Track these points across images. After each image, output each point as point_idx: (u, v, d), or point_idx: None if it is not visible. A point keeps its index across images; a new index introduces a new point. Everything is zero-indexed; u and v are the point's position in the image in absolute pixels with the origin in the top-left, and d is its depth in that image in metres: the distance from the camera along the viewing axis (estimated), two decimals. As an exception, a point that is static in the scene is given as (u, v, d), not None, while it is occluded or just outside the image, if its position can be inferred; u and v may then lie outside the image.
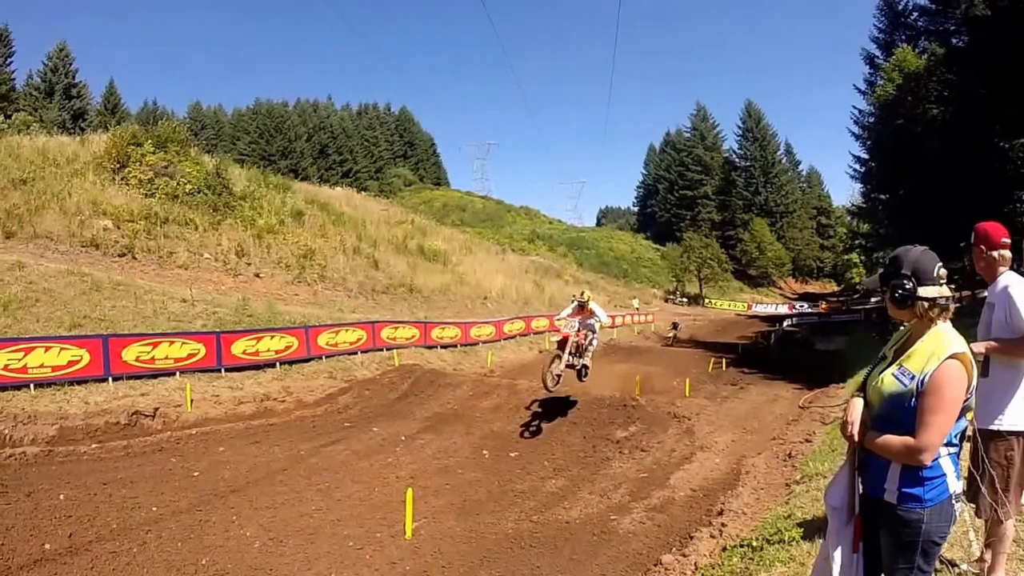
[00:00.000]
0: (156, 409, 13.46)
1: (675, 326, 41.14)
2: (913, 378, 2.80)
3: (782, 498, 8.16)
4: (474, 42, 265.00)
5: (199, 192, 27.10)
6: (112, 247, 21.60)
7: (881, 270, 3.02)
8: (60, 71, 78.43)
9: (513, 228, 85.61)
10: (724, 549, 6.68)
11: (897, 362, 2.95)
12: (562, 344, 12.89)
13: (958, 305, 3.10)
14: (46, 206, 21.60)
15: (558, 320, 13.83)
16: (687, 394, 17.80)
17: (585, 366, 13.66)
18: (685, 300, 71.54)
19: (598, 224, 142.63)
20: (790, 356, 29.61)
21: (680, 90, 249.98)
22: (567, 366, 12.93)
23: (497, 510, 9.03)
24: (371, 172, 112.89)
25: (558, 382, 12.74)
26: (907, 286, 2.86)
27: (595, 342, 13.87)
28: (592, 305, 13.36)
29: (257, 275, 25.03)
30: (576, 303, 13.43)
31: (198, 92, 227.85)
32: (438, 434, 13.11)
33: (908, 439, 2.75)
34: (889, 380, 2.91)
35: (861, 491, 3.00)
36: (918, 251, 2.94)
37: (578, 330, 12.90)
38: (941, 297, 2.88)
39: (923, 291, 2.86)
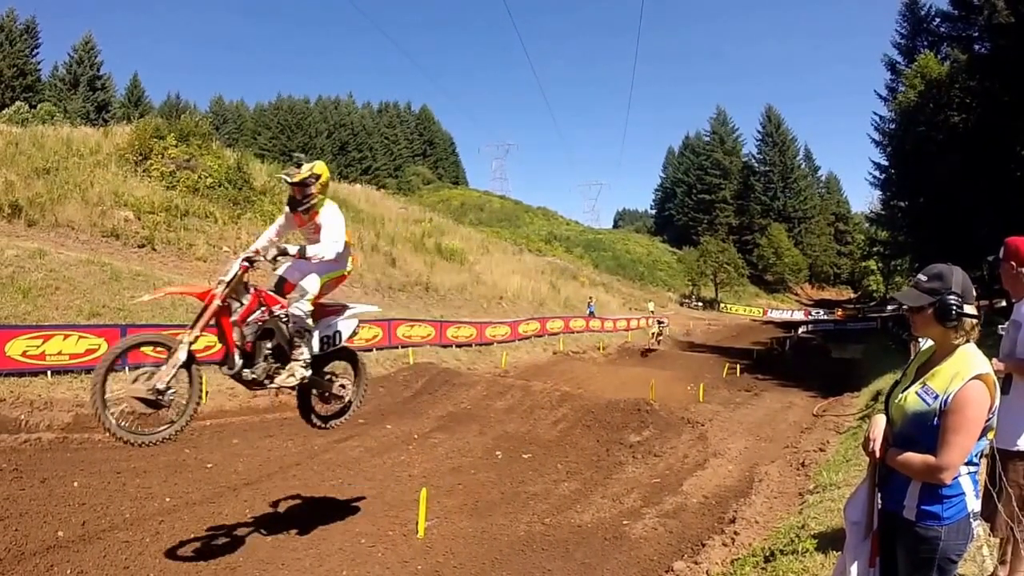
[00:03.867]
0: (171, 400, 13.48)
1: (660, 323, 37.67)
2: (936, 397, 2.80)
3: (795, 508, 8.13)
4: (496, 44, 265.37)
5: (220, 186, 27.28)
6: (132, 238, 21.79)
7: (919, 285, 2.96)
8: (85, 63, 79.28)
9: (530, 228, 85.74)
10: (735, 560, 6.65)
11: (920, 381, 2.95)
12: (204, 316, 5.92)
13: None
14: (68, 196, 21.81)
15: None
16: (701, 399, 17.76)
17: (308, 387, 6.90)
18: (700, 304, 71.44)
19: (615, 226, 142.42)
20: (805, 363, 29.40)
21: (699, 94, 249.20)
22: (243, 379, 6.40)
23: (510, 512, 9.01)
24: (390, 170, 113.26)
25: (161, 432, 6.07)
26: (958, 303, 2.84)
27: (342, 327, 7.05)
28: (327, 210, 6.76)
29: (275, 270, 25.08)
30: (290, 195, 6.77)
31: (221, 87, 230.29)
32: (451, 434, 13.12)
33: (929, 458, 2.75)
34: (912, 399, 2.90)
35: (880, 507, 2.99)
36: (960, 271, 2.91)
37: (271, 286, 6.79)
38: (979, 316, 2.88)
39: (969, 309, 2.85)
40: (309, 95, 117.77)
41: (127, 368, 12.92)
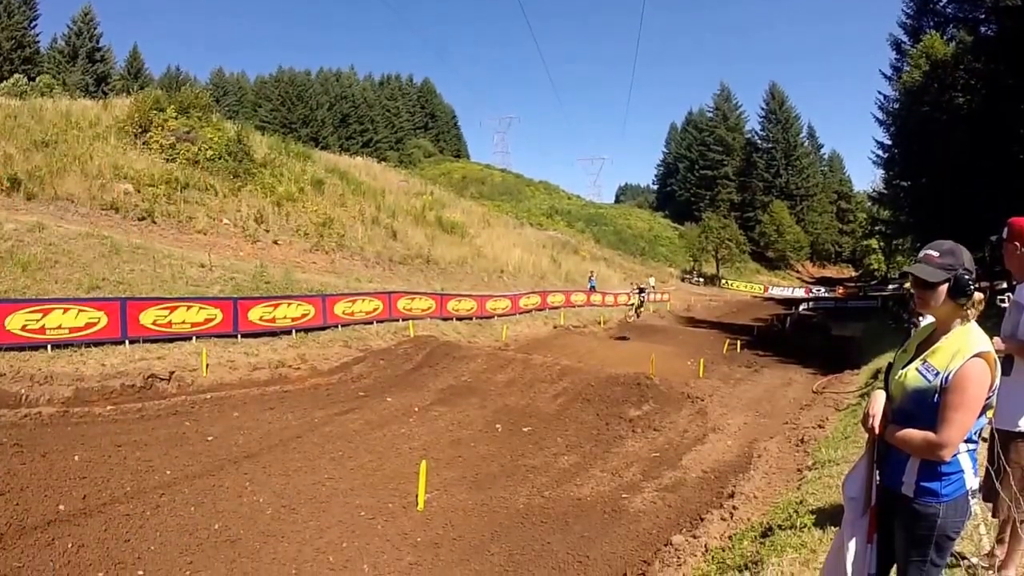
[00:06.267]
0: (172, 373, 13.56)
1: (641, 292, 33.53)
2: (937, 374, 2.79)
3: (794, 484, 8.15)
4: (500, 17, 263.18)
5: (220, 158, 27.17)
6: (132, 211, 21.74)
7: (933, 260, 2.90)
8: (84, 35, 78.93)
9: (532, 202, 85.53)
10: (732, 536, 6.67)
11: (921, 357, 2.94)
12: None
13: None
14: (68, 169, 21.75)
15: None
16: (700, 375, 17.77)
17: None
18: (701, 280, 71.27)
19: (617, 201, 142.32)
20: (805, 340, 29.41)
21: (703, 71, 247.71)
22: None
23: (509, 485, 9.05)
24: (391, 143, 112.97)
25: None
26: (972, 279, 2.82)
27: None
28: None
29: (275, 242, 25.10)
30: None
31: (221, 59, 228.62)
32: (452, 407, 13.14)
33: (929, 434, 2.74)
34: (913, 375, 2.90)
35: (878, 483, 2.98)
36: (965, 249, 2.89)
37: None
38: (986, 294, 2.86)
39: (976, 285, 2.84)
40: (310, 67, 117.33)
41: (127, 341, 13.06)
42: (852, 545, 2.96)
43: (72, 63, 76.50)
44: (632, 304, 33.22)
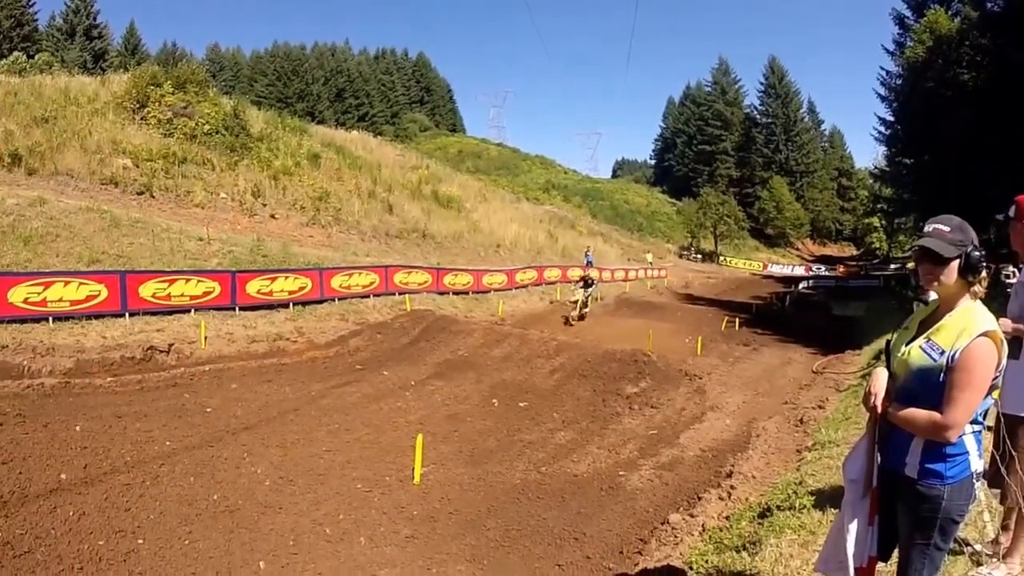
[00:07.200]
0: (171, 345, 13.63)
1: (587, 285, 24.45)
2: (943, 353, 2.73)
3: (793, 464, 8.18)
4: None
5: (217, 133, 27.21)
6: (131, 185, 21.80)
7: (944, 235, 2.82)
8: (82, 12, 78.70)
9: (528, 177, 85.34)
10: (730, 516, 6.70)
11: (925, 335, 2.87)
12: None
13: None
14: (67, 144, 21.84)
15: None
16: (699, 352, 17.79)
17: None
18: (699, 257, 71.13)
19: (614, 176, 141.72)
20: (805, 319, 29.35)
21: (701, 45, 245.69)
22: None
23: (505, 460, 9.08)
24: (387, 117, 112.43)
25: None
26: (983, 256, 2.77)
27: None
28: None
29: (272, 216, 25.08)
30: None
31: (217, 34, 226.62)
32: (448, 381, 13.18)
33: (934, 414, 2.68)
34: (917, 353, 2.84)
35: (879, 464, 2.95)
36: (970, 226, 2.85)
37: None
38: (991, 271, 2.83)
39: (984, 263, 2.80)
40: (305, 42, 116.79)
41: (127, 314, 13.06)
42: (853, 527, 2.93)
43: (70, 40, 76.19)
44: (575, 301, 24.36)
